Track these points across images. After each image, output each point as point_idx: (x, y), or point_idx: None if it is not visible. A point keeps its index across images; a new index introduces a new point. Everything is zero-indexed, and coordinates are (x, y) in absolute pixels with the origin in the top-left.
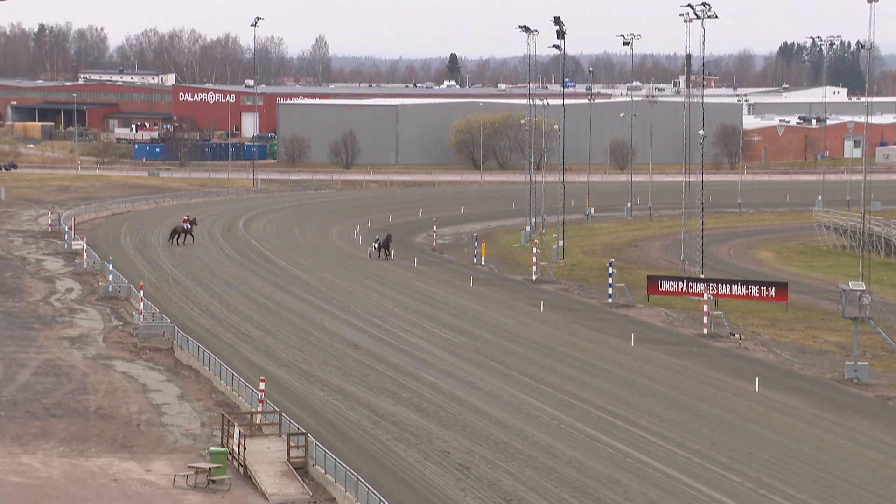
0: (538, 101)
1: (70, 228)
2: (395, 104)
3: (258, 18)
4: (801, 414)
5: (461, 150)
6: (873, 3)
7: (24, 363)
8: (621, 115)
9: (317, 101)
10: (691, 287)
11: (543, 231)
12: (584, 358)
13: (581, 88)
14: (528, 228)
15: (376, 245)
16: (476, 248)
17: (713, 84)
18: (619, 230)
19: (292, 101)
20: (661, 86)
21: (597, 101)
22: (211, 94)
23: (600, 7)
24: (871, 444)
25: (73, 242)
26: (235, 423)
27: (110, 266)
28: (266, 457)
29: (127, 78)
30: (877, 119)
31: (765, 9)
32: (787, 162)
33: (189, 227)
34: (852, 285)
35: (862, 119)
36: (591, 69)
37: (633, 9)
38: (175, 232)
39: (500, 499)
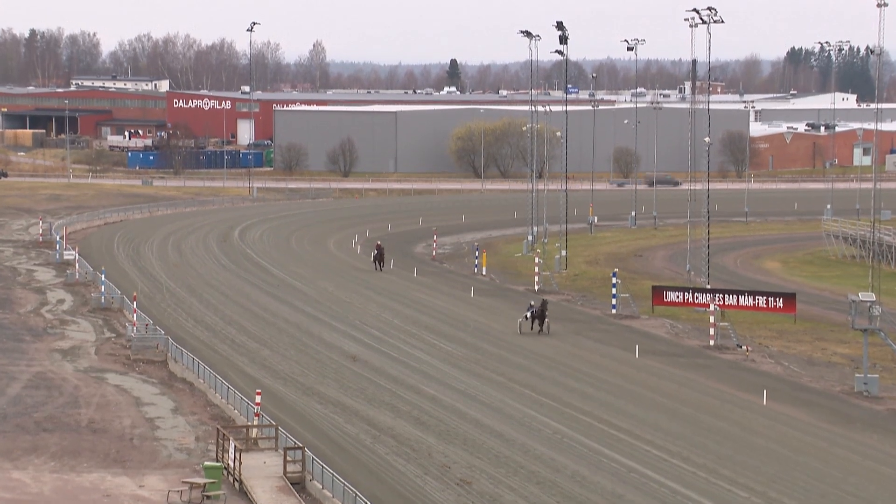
0: (540, 108)
1: (62, 238)
2: (395, 111)
3: (254, 23)
4: (809, 427)
5: (462, 158)
6: (883, 7)
7: (15, 376)
8: (625, 121)
9: (314, 107)
10: (697, 298)
11: (546, 240)
12: (587, 370)
13: (584, 95)
14: (529, 238)
15: (529, 314)
16: (477, 257)
17: (719, 90)
18: (622, 239)
19: (289, 108)
20: (666, 92)
21: (600, 107)
22: (206, 100)
23: (604, 12)
24: (880, 458)
25: (65, 252)
26: (231, 438)
27: (103, 276)
28: (262, 472)
29: (120, 84)
30: (887, 126)
31: (772, 13)
32: (795, 170)
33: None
34: (862, 296)
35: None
36: (594, 75)
37: (638, 13)
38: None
39: None
